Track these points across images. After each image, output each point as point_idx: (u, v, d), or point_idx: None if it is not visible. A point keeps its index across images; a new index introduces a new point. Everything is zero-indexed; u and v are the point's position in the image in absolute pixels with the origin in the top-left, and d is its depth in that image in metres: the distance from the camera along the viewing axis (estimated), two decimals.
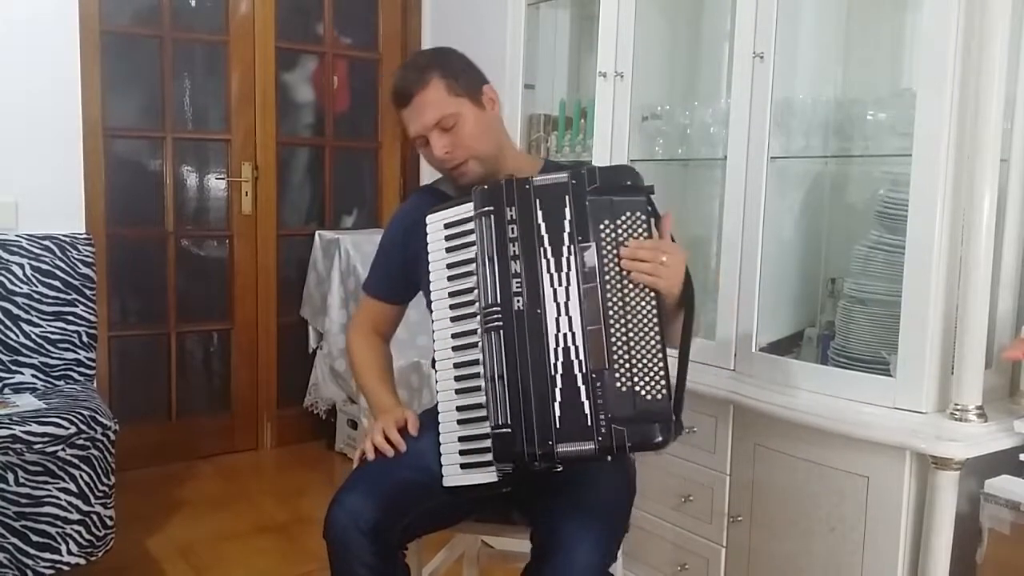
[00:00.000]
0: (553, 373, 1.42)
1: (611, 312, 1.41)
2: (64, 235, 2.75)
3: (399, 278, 1.78)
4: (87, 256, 2.75)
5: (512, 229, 1.46)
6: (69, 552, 2.28)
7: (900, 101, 1.86)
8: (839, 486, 1.80)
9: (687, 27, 2.46)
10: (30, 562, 2.23)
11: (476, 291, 1.50)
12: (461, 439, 1.52)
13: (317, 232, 3.69)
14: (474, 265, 1.51)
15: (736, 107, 2.03)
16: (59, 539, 2.26)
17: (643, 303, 1.42)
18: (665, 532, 2.19)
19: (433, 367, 1.67)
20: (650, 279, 1.41)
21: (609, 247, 1.43)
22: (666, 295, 1.44)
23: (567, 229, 1.44)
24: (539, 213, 1.45)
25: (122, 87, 3.38)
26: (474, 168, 1.63)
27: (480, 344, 1.48)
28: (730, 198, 2.05)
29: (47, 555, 2.25)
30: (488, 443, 1.48)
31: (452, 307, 1.55)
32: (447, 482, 1.53)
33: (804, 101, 2.03)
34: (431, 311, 1.59)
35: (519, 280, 1.44)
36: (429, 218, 1.61)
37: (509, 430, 1.41)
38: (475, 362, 1.51)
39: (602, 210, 1.43)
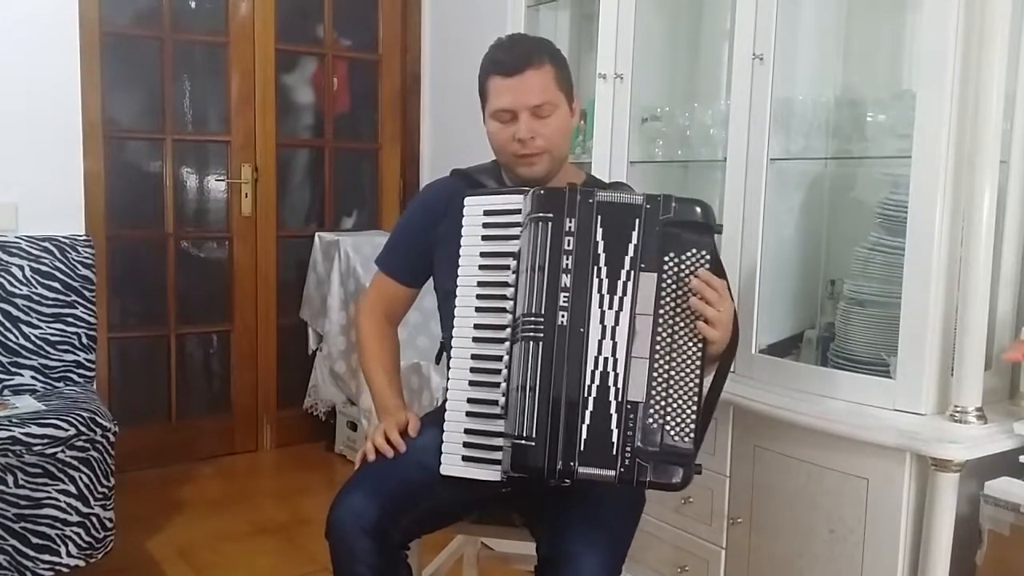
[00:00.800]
0: (587, 395, 1.40)
1: (659, 346, 1.40)
2: (64, 237, 2.75)
3: (417, 258, 1.74)
4: (87, 258, 2.75)
5: (568, 241, 1.42)
6: (69, 554, 2.28)
7: (900, 102, 1.86)
8: (839, 488, 1.80)
9: (687, 28, 2.46)
10: (30, 564, 2.23)
11: (512, 290, 1.47)
12: (467, 431, 1.51)
13: (317, 234, 3.69)
14: (511, 261, 1.48)
15: (736, 108, 2.03)
16: (59, 541, 2.26)
17: (691, 344, 1.41)
18: (665, 534, 2.19)
19: (441, 353, 1.65)
20: (707, 326, 1.39)
21: (669, 280, 1.40)
22: (712, 343, 1.42)
23: (630, 253, 1.41)
24: (599, 230, 1.42)
25: (122, 88, 3.38)
26: (545, 162, 1.61)
27: (510, 349, 1.46)
28: (730, 199, 2.04)
29: (47, 557, 2.25)
30: (495, 441, 1.47)
31: (480, 297, 1.53)
32: (444, 470, 1.52)
33: (804, 102, 2.03)
34: (454, 295, 1.55)
35: (567, 295, 1.41)
36: (468, 199, 1.58)
37: (532, 443, 1.39)
38: (495, 358, 1.49)
39: (671, 241, 1.41)
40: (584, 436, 1.39)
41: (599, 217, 1.43)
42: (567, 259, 1.42)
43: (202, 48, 3.57)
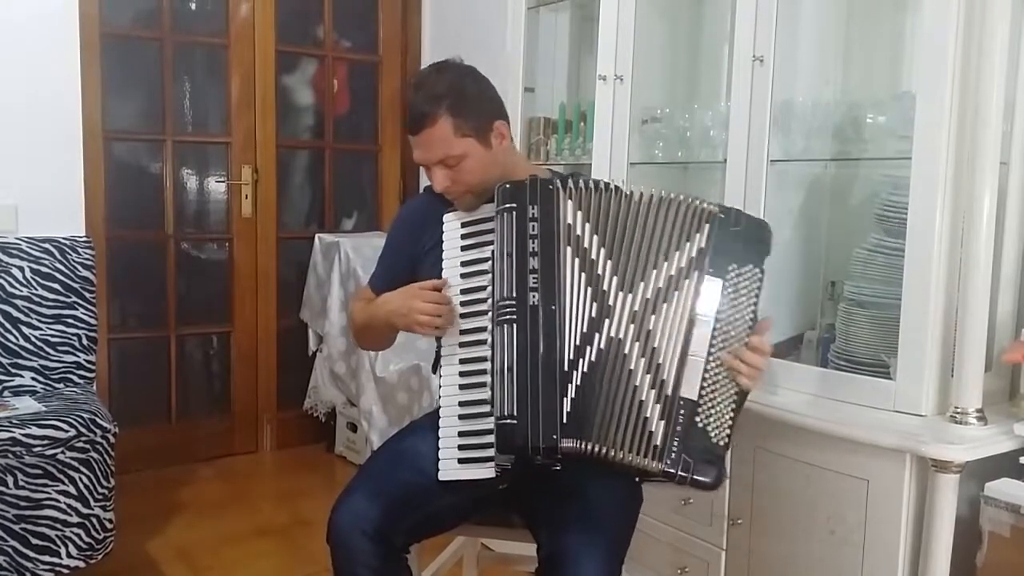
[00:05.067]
0: (567, 369, 1.42)
1: (715, 349, 1.45)
2: (64, 238, 2.75)
3: (403, 273, 1.75)
4: (87, 259, 2.75)
5: (532, 226, 1.47)
6: (68, 555, 2.28)
7: (900, 104, 1.86)
8: (839, 489, 1.80)
9: (687, 30, 2.46)
10: (30, 565, 2.23)
11: (489, 288, 1.51)
12: (461, 434, 1.53)
13: (317, 235, 3.69)
14: (488, 264, 1.52)
15: (736, 110, 2.03)
16: (59, 542, 2.26)
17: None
18: (665, 535, 2.19)
19: (436, 365, 1.67)
20: (745, 381, 1.45)
21: (729, 290, 1.46)
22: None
23: (693, 254, 1.48)
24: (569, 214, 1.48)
25: (122, 90, 3.38)
26: (470, 199, 1.62)
27: (490, 338, 1.48)
28: (730, 201, 2.04)
29: (47, 558, 2.25)
30: (488, 439, 1.48)
31: (463, 303, 1.56)
32: (443, 476, 1.53)
33: (804, 104, 2.03)
34: None
35: (535, 275, 1.45)
36: (446, 217, 1.62)
37: (515, 421, 1.41)
38: (481, 359, 1.51)
39: (737, 252, 1.48)
40: (567, 409, 1.41)
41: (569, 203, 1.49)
42: (533, 243, 1.46)
43: (202, 49, 3.57)
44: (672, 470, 1.41)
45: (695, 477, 1.41)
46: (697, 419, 1.42)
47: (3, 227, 2.75)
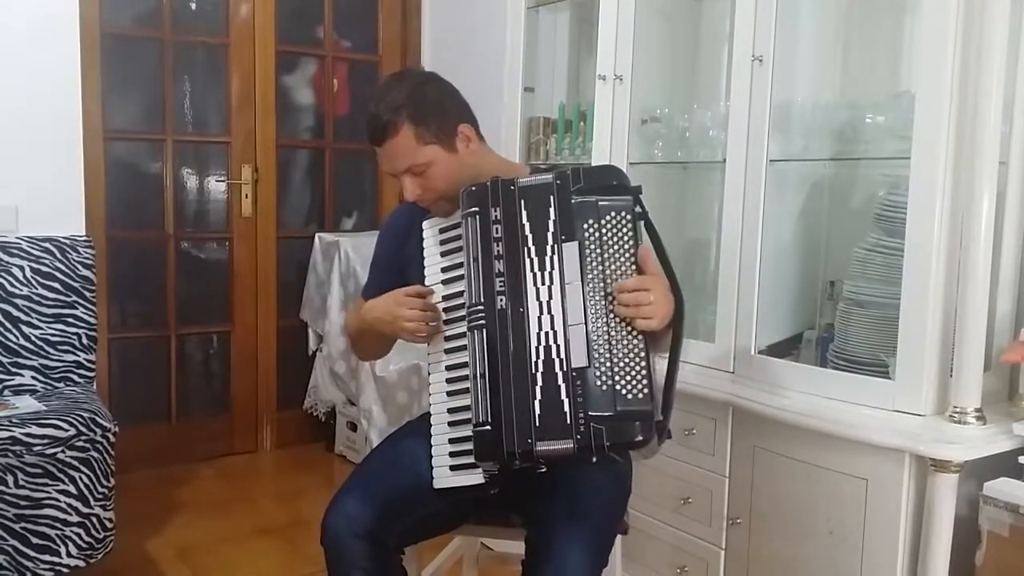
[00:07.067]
0: (534, 371, 1.41)
1: (592, 311, 1.41)
2: (64, 237, 2.75)
3: (393, 283, 1.73)
4: (87, 258, 2.75)
5: (496, 229, 1.46)
6: (68, 554, 2.28)
7: (899, 104, 1.86)
8: (838, 488, 1.80)
9: (686, 30, 2.46)
10: (30, 564, 2.23)
11: (466, 292, 1.50)
12: (451, 440, 1.53)
13: (317, 234, 3.69)
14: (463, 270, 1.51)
15: (735, 110, 2.03)
16: (59, 541, 2.27)
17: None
18: (664, 534, 2.19)
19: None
20: (640, 323, 1.39)
21: (593, 246, 1.42)
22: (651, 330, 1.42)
23: (551, 228, 1.44)
24: (523, 213, 1.46)
25: (122, 90, 3.38)
26: (444, 205, 1.62)
27: (467, 344, 1.47)
28: (729, 201, 2.05)
29: (47, 557, 2.25)
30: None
31: (445, 310, 1.56)
32: (437, 484, 1.54)
33: (803, 104, 2.04)
34: None
35: (502, 279, 1.44)
36: (425, 223, 1.63)
37: (489, 428, 1.40)
38: (465, 365, 1.50)
39: (587, 210, 1.44)
40: (538, 412, 1.39)
41: (522, 201, 1.47)
42: (497, 246, 1.46)
43: (203, 49, 3.57)
44: (586, 443, 1.36)
45: (611, 443, 1.36)
46: (599, 383, 1.38)
47: (3, 227, 2.75)
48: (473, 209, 1.48)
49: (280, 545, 2.83)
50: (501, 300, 1.44)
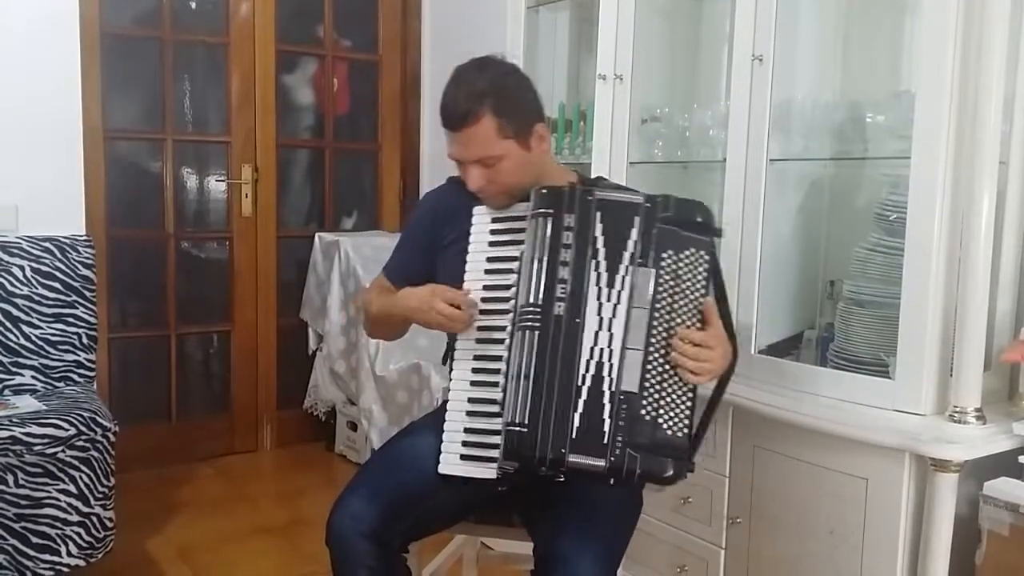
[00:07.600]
0: (580, 384, 1.41)
1: (654, 340, 1.41)
2: (64, 237, 2.75)
3: (421, 264, 1.72)
4: (87, 258, 2.75)
5: (567, 236, 1.44)
6: (69, 554, 2.28)
7: (899, 103, 1.86)
8: (838, 488, 1.80)
9: (686, 30, 2.46)
10: (30, 563, 2.23)
11: (513, 288, 1.48)
12: (467, 430, 1.53)
13: (317, 234, 3.69)
14: (515, 264, 1.49)
15: (735, 110, 2.03)
16: (59, 540, 2.27)
17: None
18: (664, 534, 2.19)
19: (447, 357, 1.66)
20: (690, 376, 1.41)
21: (667, 277, 1.42)
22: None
23: (629, 249, 1.43)
24: (599, 226, 1.45)
25: (122, 89, 3.38)
26: (504, 198, 1.59)
27: (509, 341, 1.46)
28: (729, 200, 2.05)
29: (47, 556, 2.25)
30: (493, 439, 1.48)
31: (485, 300, 1.54)
32: (442, 468, 1.53)
33: (803, 104, 2.03)
34: None
35: (564, 286, 1.43)
36: (476, 210, 1.61)
37: (525, 429, 1.40)
38: (496, 358, 1.50)
39: (668, 239, 1.43)
40: (576, 424, 1.40)
41: (598, 214, 1.45)
42: (566, 253, 1.44)
43: (203, 49, 3.57)
44: (618, 466, 1.37)
45: (642, 471, 1.38)
46: (643, 412, 1.39)
47: (3, 226, 2.75)
48: (547, 210, 1.46)
49: (280, 544, 2.83)
50: (559, 306, 1.43)
